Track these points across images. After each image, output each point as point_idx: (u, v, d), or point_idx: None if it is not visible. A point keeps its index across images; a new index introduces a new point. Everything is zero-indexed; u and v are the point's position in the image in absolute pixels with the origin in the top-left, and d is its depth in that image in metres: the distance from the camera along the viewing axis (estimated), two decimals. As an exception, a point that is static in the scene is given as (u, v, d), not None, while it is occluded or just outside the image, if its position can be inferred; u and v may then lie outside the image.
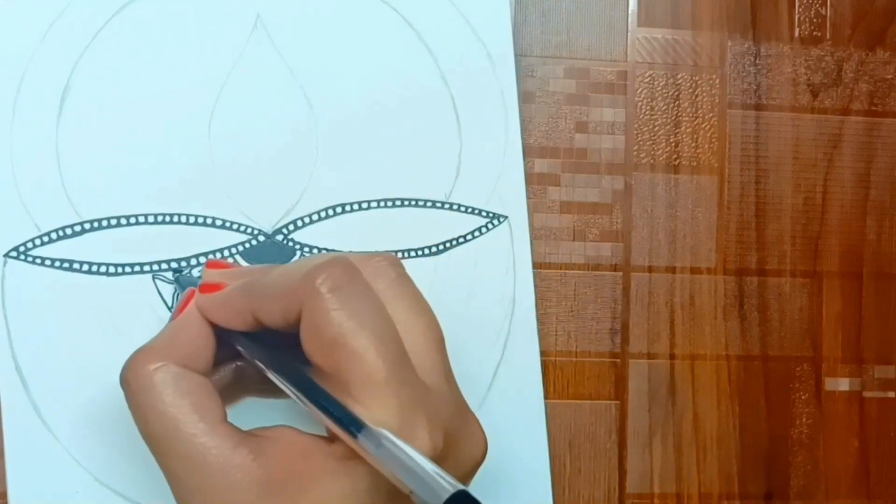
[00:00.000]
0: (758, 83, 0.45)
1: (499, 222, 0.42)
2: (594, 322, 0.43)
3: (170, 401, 0.29)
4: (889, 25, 0.46)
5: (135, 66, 0.39)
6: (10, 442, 0.37)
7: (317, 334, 0.28)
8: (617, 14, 0.44)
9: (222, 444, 0.28)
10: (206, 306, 0.32)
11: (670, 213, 0.44)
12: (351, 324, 0.28)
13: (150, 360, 0.30)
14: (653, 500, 0.43)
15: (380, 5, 0.41)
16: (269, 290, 0.30)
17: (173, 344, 0.31)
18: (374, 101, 0.41)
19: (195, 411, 0.29)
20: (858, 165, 0.45)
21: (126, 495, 0.38)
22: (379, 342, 0.28)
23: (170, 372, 0.30)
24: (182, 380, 0.30)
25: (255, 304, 0.30)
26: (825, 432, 0.45)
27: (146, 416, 0.29)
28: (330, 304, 0.28)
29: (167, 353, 0.30)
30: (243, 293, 0.31)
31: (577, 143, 0.43)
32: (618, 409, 0.43)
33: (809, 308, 0.45)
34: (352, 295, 0.29)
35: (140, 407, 0.30)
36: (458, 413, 0.31)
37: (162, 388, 0.29)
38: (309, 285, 0.28)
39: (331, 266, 0.29)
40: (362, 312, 0.28)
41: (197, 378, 0.30)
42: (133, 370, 0.30)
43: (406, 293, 0.31)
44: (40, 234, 0.38)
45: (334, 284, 0.28)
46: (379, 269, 0.31)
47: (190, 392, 0.29)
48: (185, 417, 0.29)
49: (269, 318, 0.30)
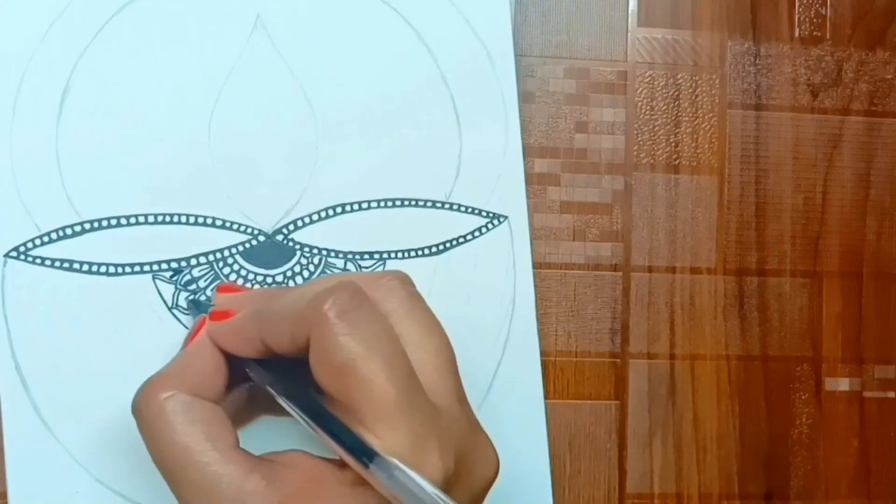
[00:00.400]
0: (758, 83, 0.45)
1: (499, 222, 0.42)
2: (594, 322, 0.43)
3: (181, 429, 0.29)
4: (889, 25, 0.46)
5: (135, 65, 0.39)
6: (10, 442, 0.37)
7: (326, 360, 0.28)
8: (617, 14, 0.44)
9: (235, 471, 0.28)
10: (216, 334, 0.32)
11: (670, 213, 0.44)
12: (360, 349, 0.28)
13: (161, 389, 0.30)
14: (653, 500, 0.43)
15: (380, 5, 0.41)
16: (278, 316, 0.30)
17: (184, 372, 0.31)
18: (374, 102, 0.41)
19: (207, 439, 0.29)
20: (858, 165, 0.45)
21: (126, 496, 0.38)
22: (388, 367, 0.28)
23: (181, 400, 0.30)
24: (193, 408, 0.30)
25: (264, 331, 0.30)
26: (825, 432, 0.45)
27: (158, 445, 0.29)
28: (338, 329, 0.28)
29: (178, 381, 0.30)
30: (253, 320, 0.31)
31: (577, 143, 0.43)
32: (618, 409, 0.43)
33: (809, 308, 0.45)
34: (360, 319, 0.28)
35: (152, 436, 0.30)
36: (470, 433, 0.31)
37: (173, 417, 0.29)
38: (317, 311, 0.28)
39: (338, 291, 0.29)
40: (371, 337, 0.28)
41: (208, 406, 0.30)
42: (144, 399, 0.30)
43: (417, 312, 0.31)
44: (40, 234, 0.38)
45: (342, 309, 0.28)
46: (389, 289, 0.31)
47: (201, 420, 0.30)
48: (197, 446, 0.29)
49: (279, 344, 0.30)
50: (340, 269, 0.40)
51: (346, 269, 0.40)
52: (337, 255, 0.40)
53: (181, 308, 0.39)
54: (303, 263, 0.40)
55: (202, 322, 0.33)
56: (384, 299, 0.30)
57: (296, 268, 0.40)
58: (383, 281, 0.31)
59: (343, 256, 0.40)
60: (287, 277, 0.40)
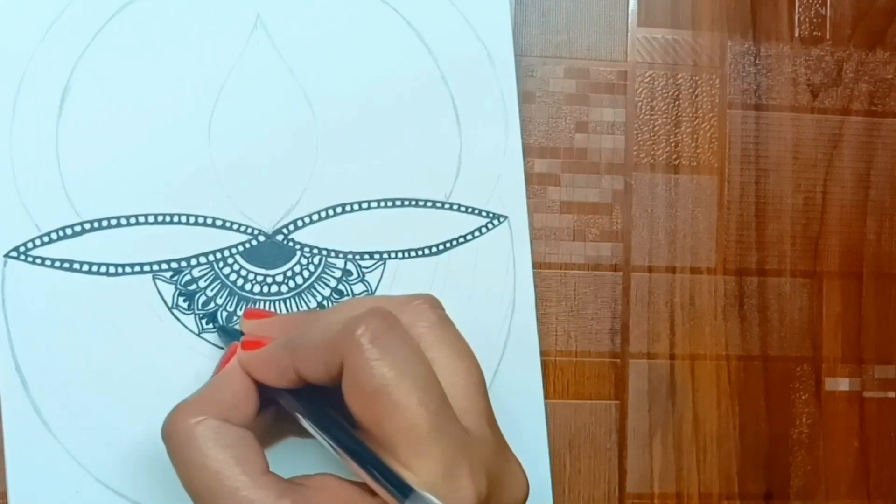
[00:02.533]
0: (758, 83, 0.45)
1: (499, 222, 0.42)
2: (594, 322, 0.43)
3: (212, 454, 0.29)
4: (889, 25, 0.46)
5: (135, 66, 0.39)
6: (10, 442, 0.37)
7: (358, 386, 0.28)
8: (617, 14, 0.44)
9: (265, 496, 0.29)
10: (248, 364, 0.32)
11: (670, 213, 0.44)
12: (392, 374, 0.28)
13: (191, 414, 0.30)
14: (653, 500, 0.43)
15: (380, 5, 0.41)
16: (311, 345, 0.30)
17: (215, 398, 0.31)
18: (373, 101, 0.41)
19: (237, 464, 0.29)
20: (858, 165, 0.45)
21: (126, 495, 0.38)
22: (420, 392, 0.28)
23: (211, 426, 0.30)
24: (223, 433, 0.30)
25: (297, 362, 0.31)
26: (825, 432, 0.45)
27: (189, 470, 0.30)
28: (370, 354, 0.28)
29: (208, 407, 0.31)
30: (285, 351, 0.31)
31: (577, 143, 0.43)
32: (618, 409, 0.43)
33: (809, 308, 0.45)
34: (392, 345, 0.29)
35: (182, 460, 0.30)
36: (500, 455, 0.31)
37: (203, 442, 0.30)
38: (349, 337, 0.29)
39: (370, 317, 0.29)
40: (403, 362, 0.29)
41: (238, 431, 0.30)
42: (174, 423, 0.30)
43: (447, 336, 0.31)
44: (40, 234, 0.38)
45: (374, 335, 0.29)
46: (419, 312, 0.31)
47: (232, 445, 0.30)
48: (227, 471, 0.29)
49: (312, 373, 0.30)
50: (341, 268, 0.40)
51: (346, 268, 0.40)
52: (337, 255, 0.40)
53: (181, 308, 0.39)
54: (303, 263, 0.40)
55: (234, 349, 0.33)
56: (414, 323, 0.31)
57: (296, 268, 0.40)
58: (413, 305, 0.31)
59: (343, 256, 0.40)
60: (287, 277, 0.40)
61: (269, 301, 0.39)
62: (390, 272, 0.40)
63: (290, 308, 0.40)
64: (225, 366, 0.33)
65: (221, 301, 0.39)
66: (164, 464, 0.38)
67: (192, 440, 0.30)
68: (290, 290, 0.40)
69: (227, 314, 0.39)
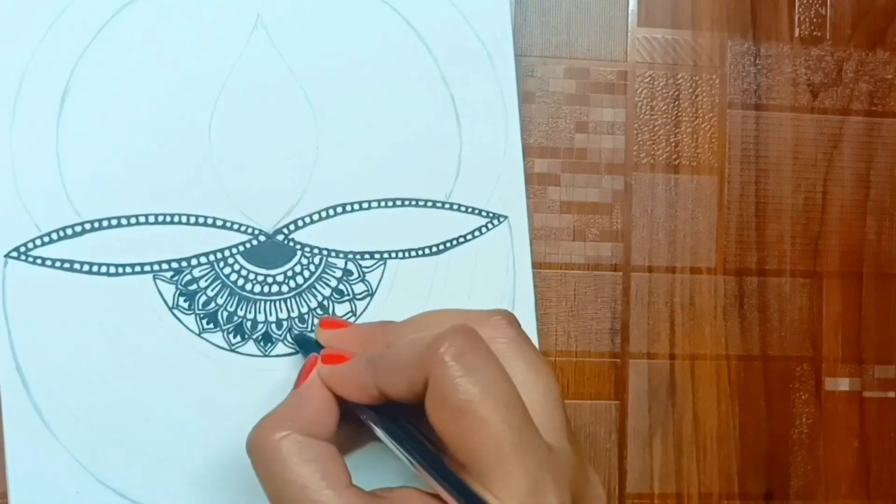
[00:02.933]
0: (758, 83, 0.45)
1: (499, 222, 0.42)
2: (594, 322, 0.43)
3: (297, 469, 0.30)
4: (889, 25, 0.46)
5: (135, 66, 0.39)
6: (11, 442, 0.37)
7: (443, 403, 0.29)
8: (617, 14, 0.44)
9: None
10: (329, 379, 0.33)
11: (670, 213, 0.44)
12: (476, 390, 0.28)
13: (275, 429, 0.31)
14: (653, 500, 0.43)
15: (380, 5, 0.41)
16: (394, 363, 0.31)
17: (298, 413, 0.32)
18: (373, 101, 0.41)
19: (322, 478, 0.30)
20: (858, 165, 0.45)
21: (127, 496, 0.38)
22: (504, 408, 0.29)
23: (295, 440, 0.31)
24: (307, 447, 0.31)
25: (380, 380, 0.31)
26: (825, 432, 0.45)
27: (275, 485, 0.30)
28: (454, 371, 0.29)
29: (292, 422, 0.31)
30: (367, 368, 0.32)
31: (577, 143, 0.43)
32: (618, 409, 0.43)
33: (809, 308, 0.45)
34: (476, 362, 0.29)
35: (268, 475, 0.31)
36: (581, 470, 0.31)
37: (288, 457, 0.30)
38: (433, 355, 0.29)
39: (453, 334, 0.29)
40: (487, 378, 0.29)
41: (322, 445, 0.31)
42: (259, 439, 0.31)
43: (525, 352, 0.32)
44: (41, 234, 0.38)
45: (458, 351, 0.29)
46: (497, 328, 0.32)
47: (316, 459, 0.30)
48: (313, 485, 0.30)
49: (396, 391, 0.31)
50: (341, 268, 0.40)
51: (346, 268, 0.40)
52: (337, 254, 0.40)
53: (182, 308, 0.39)
54: (303, 263, 0.40)
55: (313, 362, 0.34)
56: (492, 339, 0.31)
57: (296, 268, 0.40)
58: (491, 320, 0.32)
59: (343, 256, 0.40)
60: (287, 277, 0.40)
61: (270, 301, 0.39)
62: (391, 272, 0.40)
63: (291, 308, 0.40)
64: (305, 379, 0.33)
65: (222, 301, 0.39)
66: (165, 464, 0.38)
67: (277, 455, 0.30)
68: (290, 290, 0.40)
69: (227, 314, 0.39)
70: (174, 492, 0.38)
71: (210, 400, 0.39)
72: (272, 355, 0.39)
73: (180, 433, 0.38)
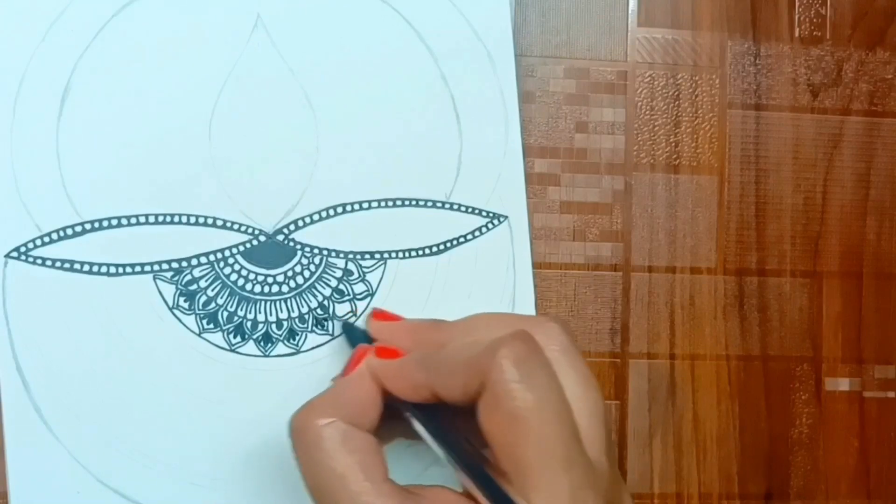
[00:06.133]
0: (758, 83, 0.45)
1: (499, 222, 0.42)
2: (594, 322, 0.43)
3: (338, 458, 0.30)
4: (889, 25, 0.46)
5: (135, 65, 0.39)
6: (11, 442, 0.37)
7: (497, 408, 0.29)
8: (617, 14, 0.44)
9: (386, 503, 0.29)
10: (381, 374, 0.33)
11: (670, 213, 0.44)
12: (531, 398, 0.28)
13: (319, 415, 0.31)
14: (653, 500, 0.43)
15: (380, 5, 0.41)
16: (450, 365, 0.31)
17: (342, 402, 0.32)
18: (374, 101, 0.41)
19: (362, 470, 0.30)
20: (858, 165, 0.45)
21: (127, 495, 0.38)
22: (556, 419, 0.29)
23: (339, 428, 0.30)
24: (350, 437, 0.30)
25: (433, 380, 0.31)
26: (825, 432, 0.45)
27: (315, 471, 0.30)
28: (511, 376, 0.29)
29: (336, 409, 0.31)
30: (420, 367, 0.32)
31: (577, 143, 0.43)
32: (618, 409, 0.43)
33: (809, 308, 0.45)
34: (533, 369, 0.29)
35: (308, 460, 0.30)
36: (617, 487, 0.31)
37: (331, 445, 0.30)
38: (491, 359, 0.29)
39: (513, 339, 0.29)
40: (542, 387, 0.29)
41: (364, 436, 0.31)
42: (303, 422, 0.31)
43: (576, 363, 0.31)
44: (41, 234, 0.38)
45: (517, 358, 0.29)
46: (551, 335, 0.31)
47: (358, 449, 0.30)
48: (352, 475, 0.30)
49: (449, 392, 0.30)
50: (341, 268, 0.40)
51: (346, 268, 0.40)
52: (338, 254, 0.40)
53: (182, 308, 0.39)
54: (303, 263, 0.40)
55: (362, 352, 0.33)
56: (546, 346, 0.31)
57: (296, 268, 0.40)
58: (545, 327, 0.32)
59: (344, 256, 0.40)
60: (288, 277, 0.40)
61: (270, 301, 0.39)
62: (391, 272, 0.40)
63: (291, 308, 0.40)
64: (354, 368, 0.33)
65: (222, 301, 0.39)
66: (165, 464, 0.38)
67: (319, 441, 0.30)
68: (290, 290, 0.40)
69: (227, 314, 0.39)
70: (174, 492, 0.38)
71: (210, 400, 0.39)
72: (272, 355, 0.39)
73: (180, 433, 0.38)
